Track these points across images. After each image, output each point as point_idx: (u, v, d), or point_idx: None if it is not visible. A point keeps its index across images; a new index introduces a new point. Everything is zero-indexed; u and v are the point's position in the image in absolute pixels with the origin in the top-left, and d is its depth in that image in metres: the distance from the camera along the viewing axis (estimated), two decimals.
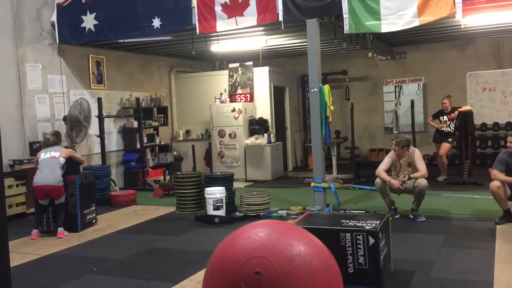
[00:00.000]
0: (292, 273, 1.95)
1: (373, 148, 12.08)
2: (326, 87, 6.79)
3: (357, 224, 3.86)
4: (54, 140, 6.45)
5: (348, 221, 3.96)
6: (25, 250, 5.51)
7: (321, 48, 7.04)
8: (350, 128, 10.15)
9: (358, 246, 3.72)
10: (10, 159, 7.42)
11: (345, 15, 6.44)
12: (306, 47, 6.99)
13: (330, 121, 6.85)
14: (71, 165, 6.42)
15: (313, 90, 6.76)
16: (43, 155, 6.28)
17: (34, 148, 7.81)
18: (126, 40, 8.74)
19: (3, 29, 7.55)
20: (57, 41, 8.34)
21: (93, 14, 7.98)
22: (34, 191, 6.26)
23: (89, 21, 8.02)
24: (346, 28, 6.49)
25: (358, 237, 3.72)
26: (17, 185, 7.15)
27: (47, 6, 8.29)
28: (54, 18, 8.26)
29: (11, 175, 7.13)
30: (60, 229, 6.14)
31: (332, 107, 6.85)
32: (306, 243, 1.97)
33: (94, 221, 6.67)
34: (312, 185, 6.98)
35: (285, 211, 6.67)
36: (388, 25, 6.38)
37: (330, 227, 3.90)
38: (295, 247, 1.92)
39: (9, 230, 6.55)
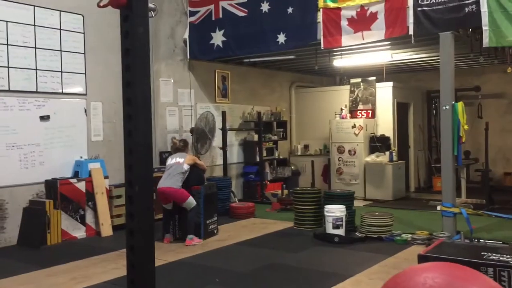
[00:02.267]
0: None
1: (508, 171, 11.00)
2: (460, 105, 6.30)
3: (500, 258, 3.45)
4: (181, 145, 6.83)
5: (489, 254, 3.56)
6: None
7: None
8: (484, 149, 9.34)
9: (503, 283, 3.32)
10: None
11: (485, 27, 5.94)
12: (434, 62, 6.63)
13: (463, 141, 6.34)
14: (197, 175, 6.68)
15: (444, 108, 6.32)
16: (169, 160, 6.66)
17: (164, 158, 8.29)
18: (251, 60, 9.02)
19: None
20: (188, 57, 8.83)
21: (222, 31, 8.31)
22: (157, 194, 6.52)
23: (217, 38, 8.37)
24: (486, 41, 5.98)
25: (502, 273, 3.32)
26: None
27: (181, 24, 8.83)
28: (186, 35, 8.76)
29: None
30: (189, 237, 6.31)
31: (466, 126, 6.34)
32: None
33: (215, 231, 6.86)
34: (439, 208, 6.50)
35: (409, 235, 6.29)
36: None
37: (468, 259, 3.54)
38: None
39: None
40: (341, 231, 6.37)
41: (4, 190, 6.40)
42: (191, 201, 6.42)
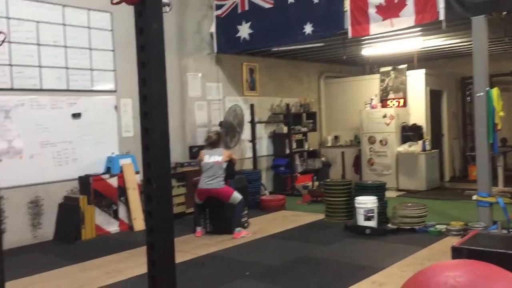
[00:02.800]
0: None
1: None
2: (495, 91, 6.09)
3: None
4: (215, 139, 6.69)
5: None
6: (183, 249, 5.85)
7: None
8: None
9: None
10: (172, 162, 8.04)
11: None
12: (468, 47, 6.41)
13: (499, 128, 6.13)
14: (229, 169, 6.67)
15: (478, 94, 6.12)
16: (207, 157, 6.51)
17: (193, 152, 8.35)
18: (279, 49, 8.94)
19: (169, 42, 8.18)
20: (215, 50, 8.83)
21: (248, 24, 8.28)
22: (196, 192, 6.58)
23: (244, 31, 8.34)
24: None
25: None
26: (178, 186, 7.70)
27: (207, 18, 8.84)
28: (213, 29, 8.76)
29: (173, 176, 7.70)
30: (236, 230, 6.34)
31: (502, 113, 6.13)
32: None
33: (246, 224, 6.86)
34: (475, 198, 6.32)
35: (444, 226, 6.14)
36: None
37: (505, 251, 3.42)
38: None
39: None
40: (372, 223, 6.27)
41: (40, 187, 6.57)
42: (236, 196, 6.45)
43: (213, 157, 6.50)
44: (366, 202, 6.33)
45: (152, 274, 1.48)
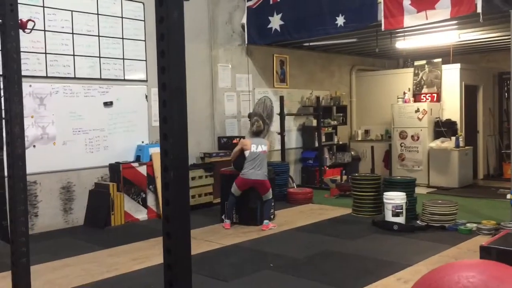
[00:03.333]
0: None
1: None
2: None
3: None
4: (263, 128, 6.65)
5: None
6: (210, 238, 5.91)
7: None
8: None
9: None
10: (201, 152, 8.10)
11: None
12: (507, 41, 6.18)
13: None
14: None
15: None
16: (254, 147, 6.43)
17: (222, 142, 8.39)
18: (311, 44, 8.87)
19: (201, 32, 8.26)
20: (246, 42, 8.82)
21: (280, 15, 8.23)
22: (238, 182, 6.42)
23: (275, 22, 8.29)
24: None
25: None
26: (206, 176, 7.76)
27: (239, 9, 8.83)
28: (244, 20, 8.75)
29: (202, 166, 7.76)
30: (265, 222, 6.37)
31: None
32: None
33: (272, 216, 6.86)
34: (508, 197, 6.14)
35: (475, 225, 5.98)
36: None
37: None
38: None
39: (197, 218, 7.05)
40: (401, 219, 6.17)
41: (72, 173, 6.74)
42: (271, 191, 6.52)
43: (260, 147, 6.46)
44: (394, 198, 6.23)
45: (168, 263, 1.49)
